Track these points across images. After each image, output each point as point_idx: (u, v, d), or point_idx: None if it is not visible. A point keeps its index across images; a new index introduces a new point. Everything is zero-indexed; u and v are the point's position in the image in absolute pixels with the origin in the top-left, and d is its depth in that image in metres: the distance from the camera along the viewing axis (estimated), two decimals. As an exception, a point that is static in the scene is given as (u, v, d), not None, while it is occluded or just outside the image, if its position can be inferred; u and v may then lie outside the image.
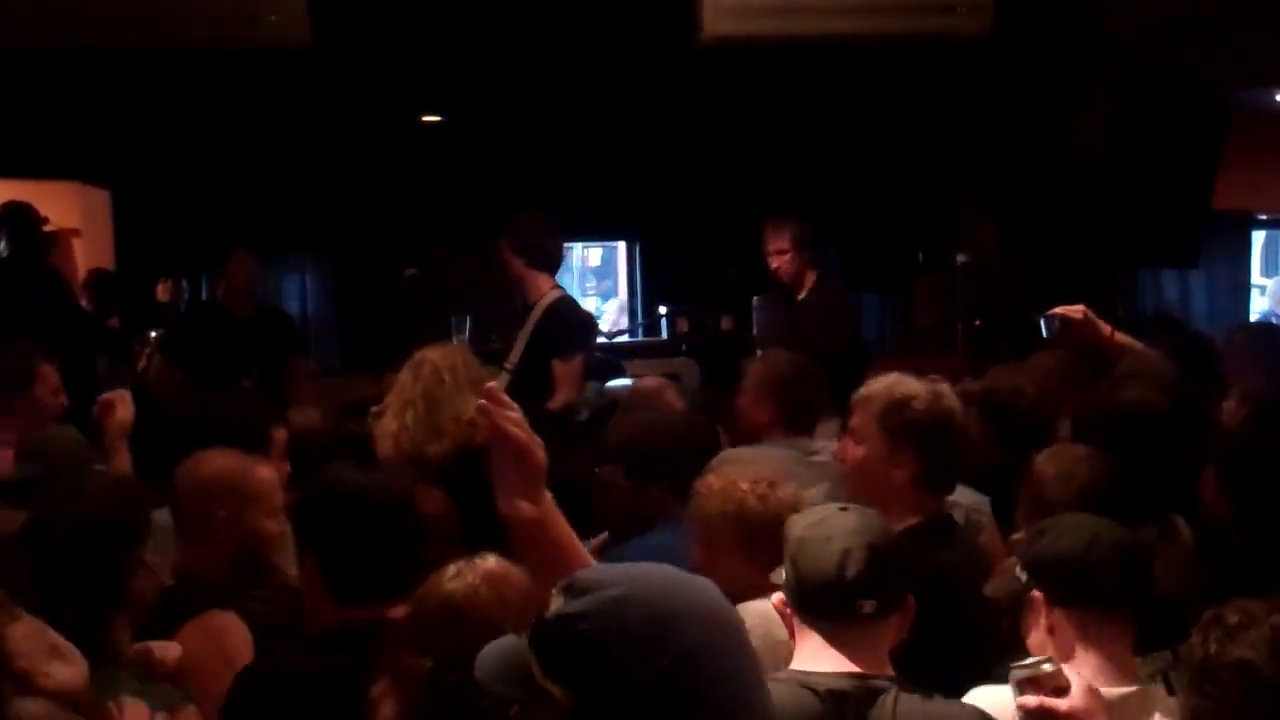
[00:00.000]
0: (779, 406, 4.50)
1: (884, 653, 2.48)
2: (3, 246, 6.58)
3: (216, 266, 7.18)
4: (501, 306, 6.50)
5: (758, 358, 5.15)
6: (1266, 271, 10.19)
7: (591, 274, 10.56)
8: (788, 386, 4.53)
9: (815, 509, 2.69)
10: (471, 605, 2.26)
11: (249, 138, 8.65)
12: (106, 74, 7.30)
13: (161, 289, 8.29)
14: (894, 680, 2.41)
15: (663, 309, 9.12)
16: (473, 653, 2.17)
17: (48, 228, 6.93)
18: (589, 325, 6.56)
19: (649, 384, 5.35)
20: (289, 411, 4.63)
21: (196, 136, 8.53)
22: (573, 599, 1.46)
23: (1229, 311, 9.37)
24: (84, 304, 7.74)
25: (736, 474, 3.10)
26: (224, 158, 8.73)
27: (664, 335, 8.85)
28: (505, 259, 5.93)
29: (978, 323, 7.61)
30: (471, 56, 7.59)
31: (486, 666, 1.58)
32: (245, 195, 8.77)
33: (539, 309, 5.88)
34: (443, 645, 2.22)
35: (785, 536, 2.58)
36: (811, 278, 6.77)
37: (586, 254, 10.46)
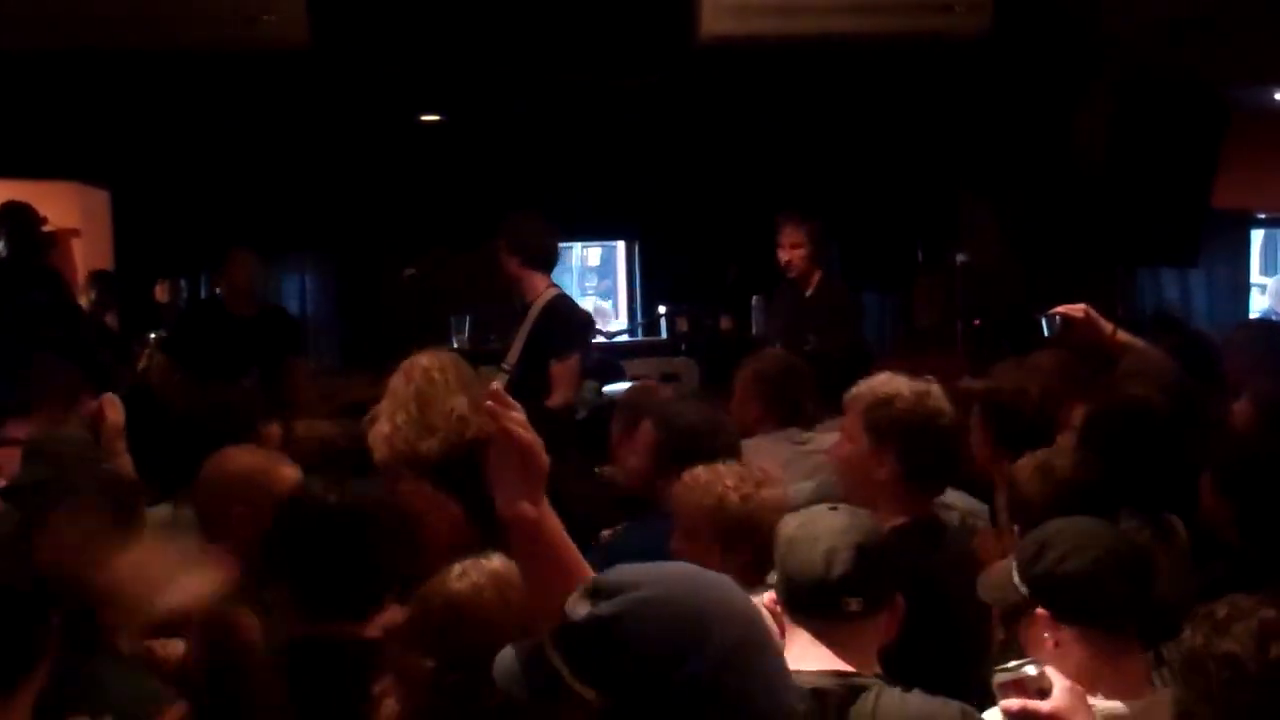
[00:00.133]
0: (769, 405, 4.54)
1: (872, 651, 2.48)
2: (2, 247, 6.57)
3: (217, 266, 7.18)
4: (500, 306, 6.50)
5: (748, 358, 5.17)
6: (1266, 270, 10.19)
7: (591, 273, 10.55)
8: (776, 385, 4.58)
9: (807, 509, 2.70)
10: (475, 606, 2.25)
11: (248, 138, 8.64)
12: (106, 74, 7.29)
13: (160, 289, 8.28)
14: (879, 678, 2.41)
15: (662, 309, 9.11)
16: (476, 654, 2.17)
17: (47, 228, 6.92)
18: (586, 324, 6.55)
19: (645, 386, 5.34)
20: (293, 415, 4.64)
21: (195, 137, 8.51)
22: (602, 601, 1.46)
23: (1228, 310, 9.37)
24: (83, 304, 7.74)
25: (726, 470, 3.07)
26: (223, 158, 8.73)
27: (663, 335, 8.84)
28: (501, 259, 5.93)
29: (977, 322, 7.61)
30: (471, 56, 7.58)
31: (505, 669, 1.57)
32: (244, 195, 8.76)
33: (536, 308, 5.88)
34: (446, 646, 2.22)
35: (776, 536, 2.60)
36: (819, 275, 6.86)
37: (586, 254, 10.45)
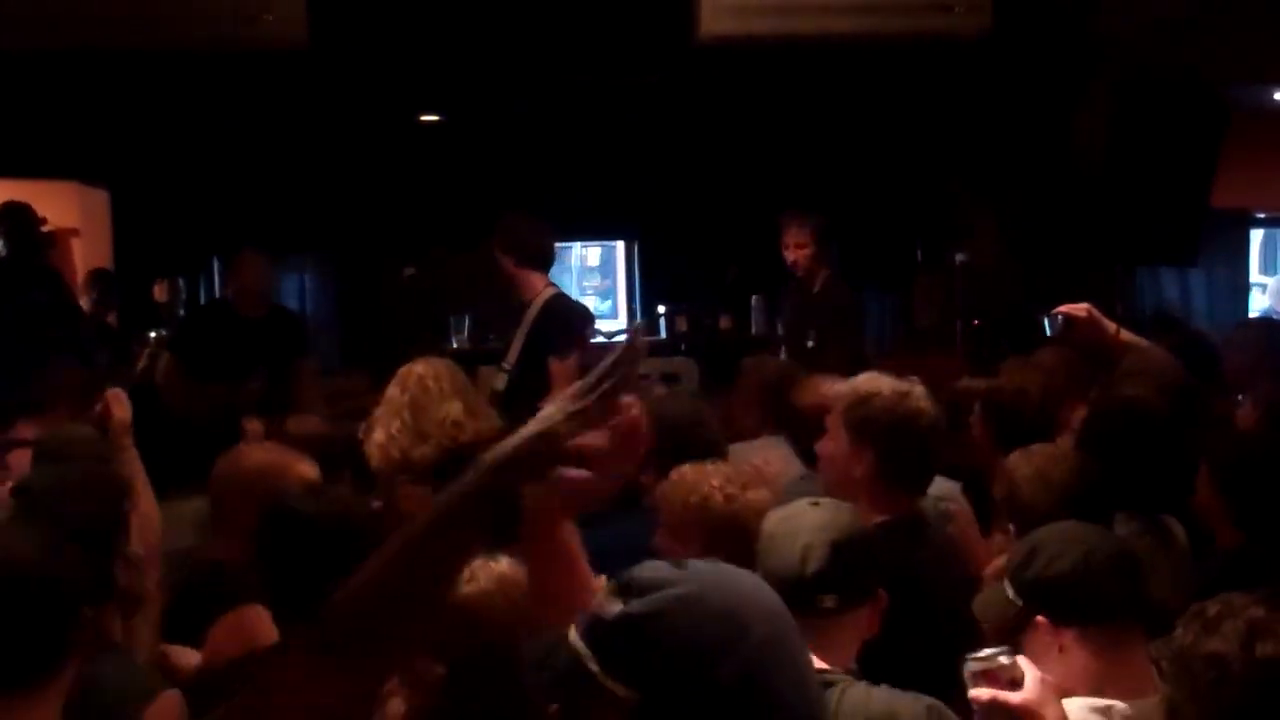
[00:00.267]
0: (768, 411, 4.57)
1: (850, 647, 2.49)
2: (1, 246, 6.58)
3: (224, 266, 7.14)
4: (500, 306, 6.49)
5: (746, 365, 5.17)
6: (1265, 270, 10.19)
7: (590, 273, 10.54)
8: (775, 391, 4.59)
9: (790, 504, 2.73)
10: (486, 610, 2.24)
11: (247, 138, 8.64)
12: (105, 74, 7.29)
13: (158, 289, 8.28)
14: (849, 674, 2.42)
15: (662, 308, 9.12)
16: (485, 658, 2.17)
17: (46, 227, 6.92)
18: (585, 319, 6.56)
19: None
20: (290, 415, 4.65)
21: (195, 136, 8.52)
22: (635, 598, 1.45)
23: (1228, 310, 9.37)
24: (83, 304, 7.74)
25: (713, 469, 3.05)
26: (222, 158, 8.72)
27: (663, 335, 8.84)
28: (498, 259, 5.93)
29: (977, 322, 7.61)
30: (470, 56, 7.58)
31: (536, 676, 1.58)
32: (244, 195, 8.76)
33: (534, 307, 5.88)
34: (456, 651, 2.21)
35: (760, 532, 2.62)
36: (825, 274, 6.81)
37: (585, 253, 10.44)
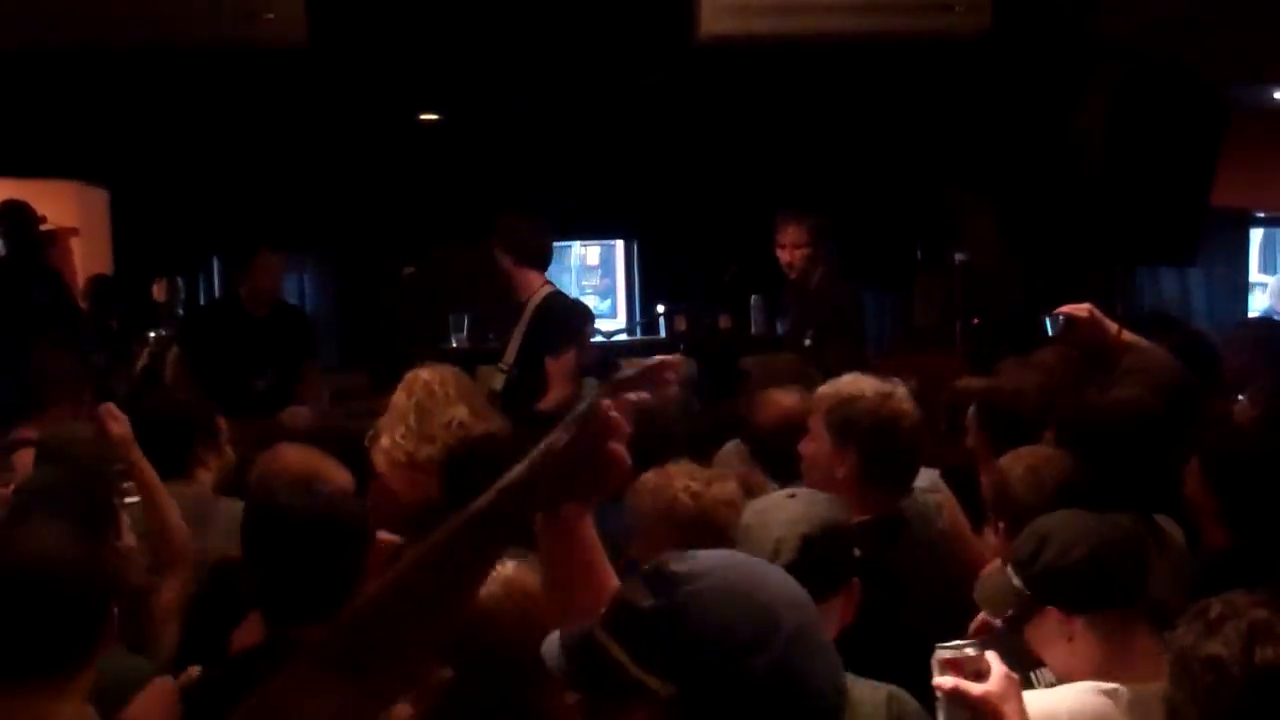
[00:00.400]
0: None
1: None
2: (1, 245, 6.58)
3: (225, 265, 7.08)
4: (499, 305, 6.49)
5: (758, 364, 5.15)
6: (1265, 269, 10.18)
7: (589, 272, 10.53)
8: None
9: (768, 496, 2.77)
10: (494, 613, 2.23)
11: (247, 137, 8.64)
12: (104, 73, 7.28)
13: (158, 288, 8.26)
14: None
15: (661, 308, 9.10)
16: (495, 663, 2.18)
17: (45, 227, 6.93)
18: (583, 316, 6.55)
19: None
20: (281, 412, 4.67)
21: (194, 136, 8.51)
22: (667, 590, 1.46)
23: (1227, 309, 9.37)
24: (82, 304, 7.74)
25: (675, 470, 3.06)
26: (222, 157, 8.72)
27: (662, 334, 8.83)
28: (495, 258, 5.94)
29: (976, 321, 7.60)
30: (470, 55, 7.58)
31: (563, 666, 1.57)
32: (243, 194, 8.75)
33: (531, 306, 5.90)
34: (466, 656, 2.21)
35: (736, 522, 2.66)
36: (821, 272, 6.78)
37: (585, 252, 10.43)
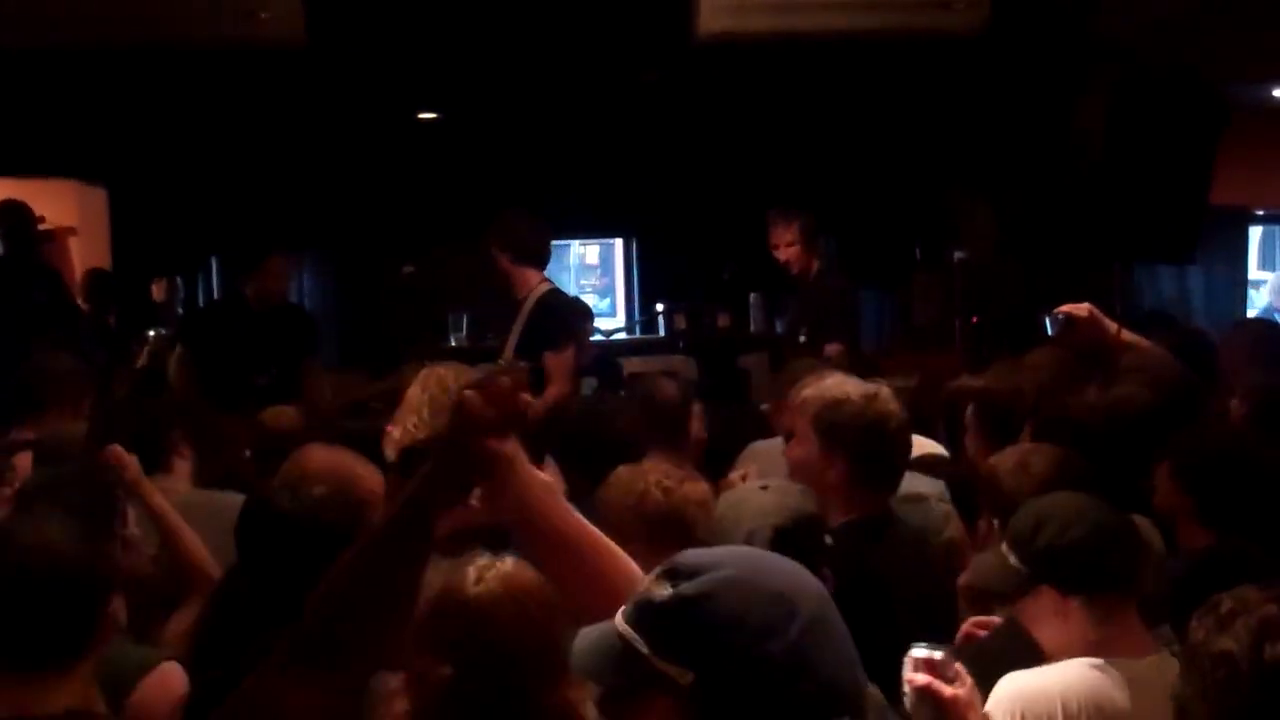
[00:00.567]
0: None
1: None
2: (-1, 244, 6.58)
3: (224, 264, 7.06)
4: (498, 303, 6.49)
5: (790, 364, 5.10)
6: (1264, 267, 10.19)
7: (589, 271, 10.54)
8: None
9: (741, 488, 2.81)
10: (494, 611, 2.24)
11: (245, 136, 8.64)
12: (103, 72, 7.28)
13: (156, 288, 8.27)
14: None
15: (660, 306, 9.11)
16: (494, 661, 2.18)
17: (44, 226, 6.93)
18: (582, 313, 6.54)
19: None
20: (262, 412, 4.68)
21: (193, 135, 8.51)
22: (686, 581, 1.49)
23: (1226, 308, 9.37)
24: (81, 303, 7.73)
25: (649, 466, 3.03)
26: (220, 156, 8.73)
27: (661, 332, 8.83)
28: (494, 257, 5.94)
29: (975, 320, 7.60)
30: (468, 54, 7.58)
31: (587, 663, 1.58)
32: (242, 194, 8.76)
33: (529, 304, 5.90)
34: (464, 653, 2.21)
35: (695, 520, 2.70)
36: (816, 266, 6.83)
37: (584, 251, 10.44)
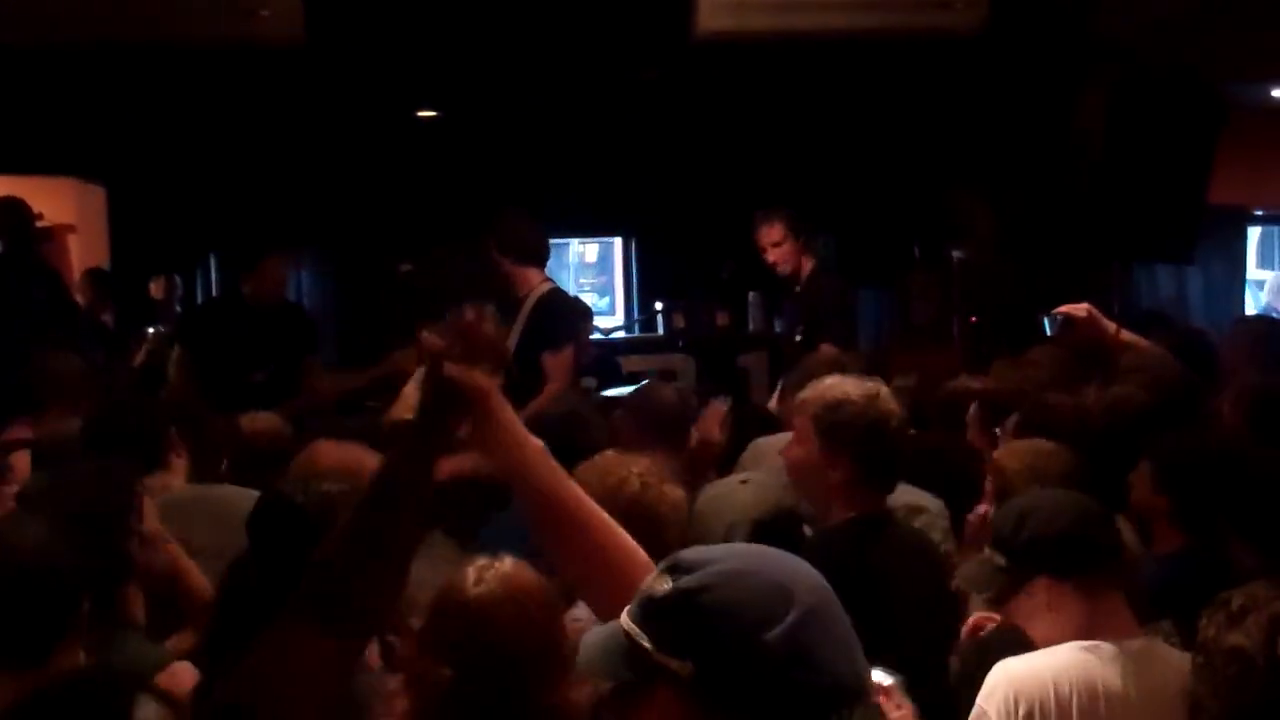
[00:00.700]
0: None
1: None
2: (-2, 243, 6.57)
3: (223, 263, 7.05)
4: (498, 303, 6.48)
5: (798, 366, 5.06)
6: (1262, 266, 10.20)
7: (588, 270, 10.55)
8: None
9: (722, 481, 2.76)
10: (494, 612, 2.24)
11: (244, 134, 8.63)
12: (101, 70, 7.27)
13: (155, 286, 8.27)
14: None
15: (659, 305, 9.11)
16: (493, 661, 2.19)
17: (42, 224, 6.92)
18: (582, 313, 6.53)
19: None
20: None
21: (191, 133, 8.51)
22: (686, 576, 1.50)
23: (1225, 307, 9.37)
24: (79, 301, 7.73)
25: (638, 459, 3.00)
26: (219, 154, 8.72)
27: (660, 331, 8.84)
28: (493, 257, 5.94)
29: (974, 319, 7.61)
30: (467, 52, 7.58)
31: (594, 661, 1.59)
32: (241, 192, 8.75)
33: (529, 303, 5.90)
34: (465, 654, 2.21)
35: (669, 519, 2.71)
36: (809, 265, 6.76)
37: (583, 250, 10.45)
